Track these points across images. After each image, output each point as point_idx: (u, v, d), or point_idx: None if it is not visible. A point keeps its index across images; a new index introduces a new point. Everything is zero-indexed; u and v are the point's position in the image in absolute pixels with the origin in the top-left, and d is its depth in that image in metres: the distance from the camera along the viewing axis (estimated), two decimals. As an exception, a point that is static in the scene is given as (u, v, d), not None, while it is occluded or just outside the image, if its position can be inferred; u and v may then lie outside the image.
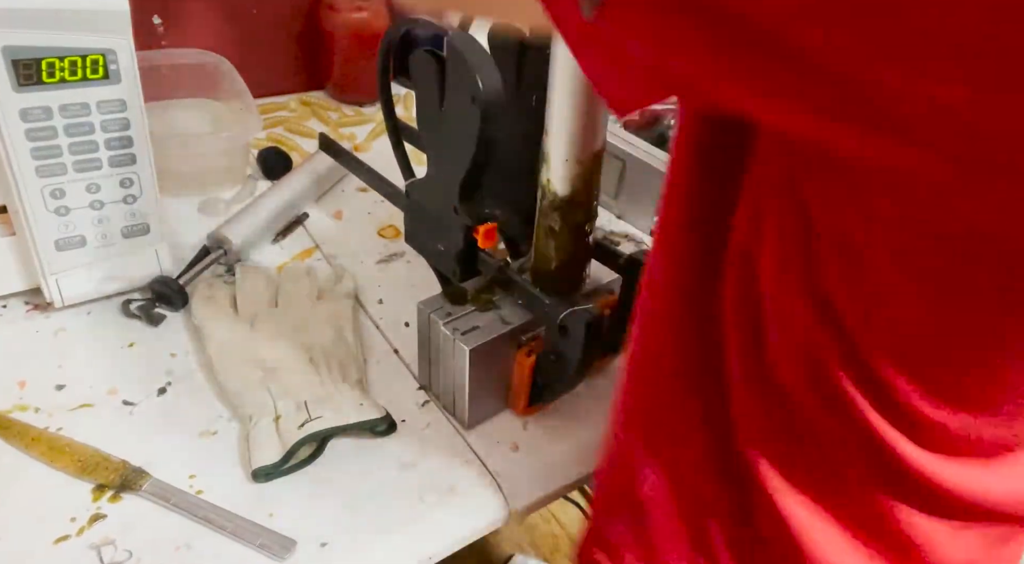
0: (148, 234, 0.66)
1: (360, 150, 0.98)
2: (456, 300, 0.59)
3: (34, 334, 0.65)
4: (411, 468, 0.58)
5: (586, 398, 0.66)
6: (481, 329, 0.57)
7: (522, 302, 0.59)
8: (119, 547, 0.50)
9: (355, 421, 0.57)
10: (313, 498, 0.54)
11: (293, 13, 1.04)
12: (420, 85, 0.59)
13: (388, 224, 0.84)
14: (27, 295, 0.67)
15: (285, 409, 0.57)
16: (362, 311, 0.72)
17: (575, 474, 0.60)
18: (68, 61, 0.56)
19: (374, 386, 0.64)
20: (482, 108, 0.53)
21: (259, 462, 0.54)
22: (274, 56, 1.05)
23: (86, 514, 0.51)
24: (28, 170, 0.58)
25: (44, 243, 0.62)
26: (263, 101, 1.03)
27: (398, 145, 0.71)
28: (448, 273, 0.65)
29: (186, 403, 0.60)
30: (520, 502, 0.57)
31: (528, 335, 0.59)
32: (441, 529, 0.55)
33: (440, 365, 0.60)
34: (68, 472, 0.54)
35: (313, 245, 0.81)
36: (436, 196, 0.63)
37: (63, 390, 0.60)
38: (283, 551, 0.50)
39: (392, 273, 0.78)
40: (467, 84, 0.53)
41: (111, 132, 0.60)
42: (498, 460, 0.59)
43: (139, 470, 0.54)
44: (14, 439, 0.55)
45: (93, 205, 0.62)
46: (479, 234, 0.60)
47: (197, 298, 0.67)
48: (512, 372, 0.61)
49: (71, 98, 0.57)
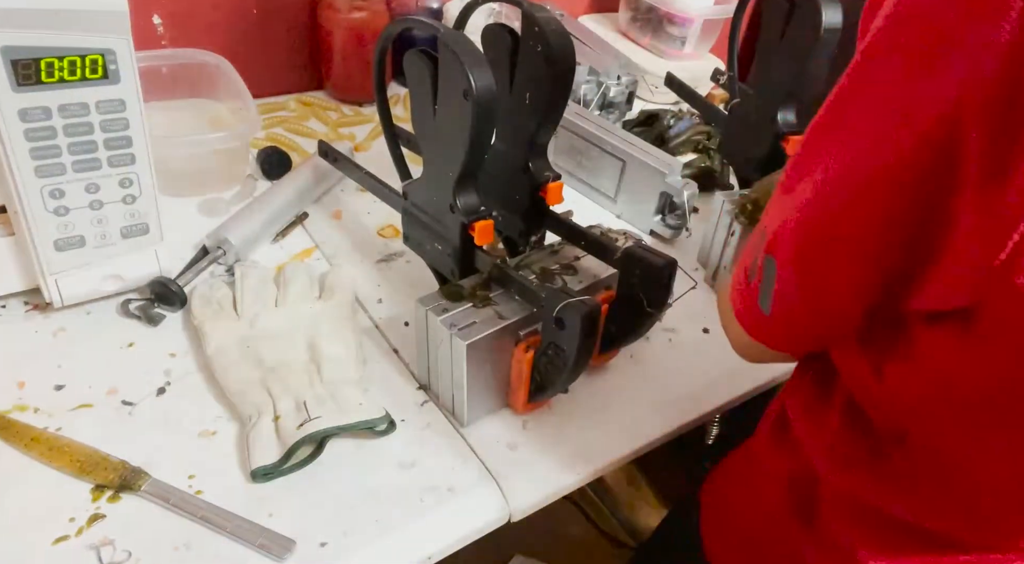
0: (148, 234, 0.66)
1: (360, 150, 0.98)
2: (453, 297, 0.59)
3: (33, 334, 0.65)
4: (410, 468, 0.58)
5: (586, 398, 0.66)
6: (478, 324, 0.57)
7: (519, 297, 0.59)
8: (118, 547, 0.50)
9: (354, 421, 0.57)
10: (313, 498, 0.54)
11: (293, 13, 1.04)
12: (414, 84, 0.59)
13: (387, 224, 0.84)
14: (27, 295, 0.67)
15: (284, 409, 0.57)
16: (362, 311, 0.72)
17: (575, 474, 0.60)
18: (67, 61, 0.56)
19: (374, 386, 0.64)
20: (475, 104, 0.53)
21: (258, 462, 0.54)
22: (274, 56, 1.05)
23: (85, 514, 0.51)
24: (27, 170, 0.58)
25: (43, 243, 0.62)
26: (263, 101, 1.03)
27: (394, 146, 0.71)
28: (446, 272, 0.65)
29: (185, 403, 0.60)
30: (520, 502, 0.57)
31: (526, 331, 0.59)
32: (441, 529, 0.54)
33: (438, 362, 0.60)
34: (67, 472, 0.54)
35: (313, 245, 0.81)
36: (432, 195, 0.63)
37: (62, 390, 0.60)
38: (283, 551, 0.50)
39: (391, 273, 0.78)
40: (460, 81, 0.53)
41: (111, 132, 0.60)
42: (498, 460, 0.59)
43: (138, 470, 0.54)
44: (13, 439, 0.55)
45: (92, 205, 0.62)
46: (475, 231, 0.60)
47: (196, 298, 0.67)
48: (510, 368, 0.61)
49: (70, 98, 0.57)
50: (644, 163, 0.87)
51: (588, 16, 1.36)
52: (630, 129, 1.03)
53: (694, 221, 0.91)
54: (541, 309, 0.57)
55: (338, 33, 1.02)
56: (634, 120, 1.08)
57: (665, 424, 0.65)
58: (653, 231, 0.90)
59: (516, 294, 0.59)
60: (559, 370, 0.57)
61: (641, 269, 0.60)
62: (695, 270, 0.85)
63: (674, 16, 1.24)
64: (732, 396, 0.70)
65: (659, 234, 0.90)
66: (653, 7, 1.24)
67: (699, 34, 1.26)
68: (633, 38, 1.31)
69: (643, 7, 1.26)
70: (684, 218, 0.87)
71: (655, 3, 1.22)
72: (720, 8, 1.24)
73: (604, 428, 0.64)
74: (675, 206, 0.87)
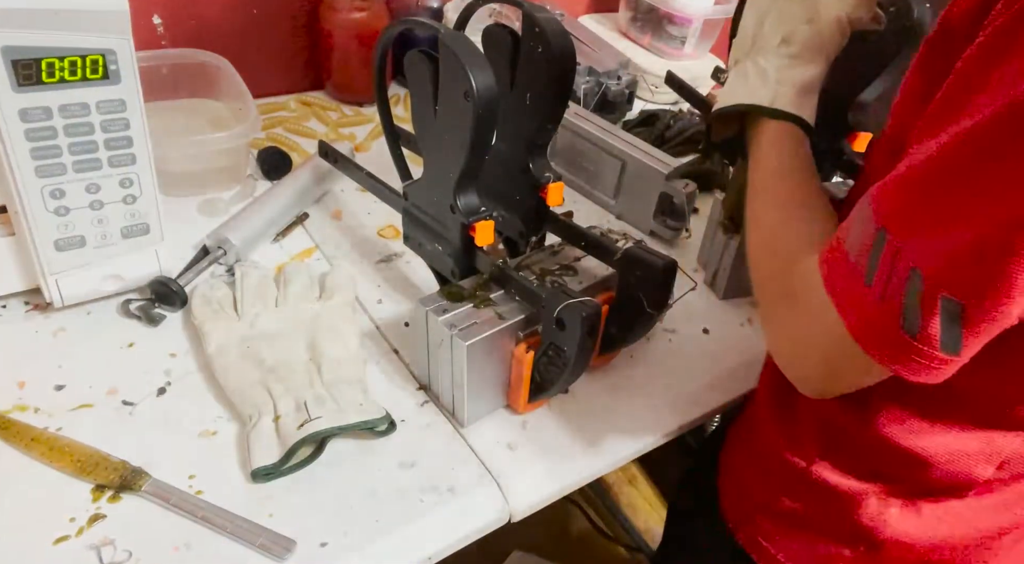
0: (148, 234, 0.66)
1: (360, 150, 0.98)
2: (454, 298, 0.59)
3: (34, 334, 0.65)
4: (410, 468, 0.58)
5: (586, 398, 0.66)
6: (478, 325, 0.57)
7: (519, 298, 0.59)
8: (118, 547, 0.50)
9: (355, 421, 0.57)
10: (313, 498, 0.54)
11: (293, 13, 1.04)
12: (414, 85, 0.59)
13: (388, 224, 0.84)
14: (27, 295, 0.67)
15: (285, 409, 0.57)
16: (362, 311, 0.72)
17: (574, 473, 0.60)
18: (68, 61, 0.56)
19: (374, 386, 0.64)
20: (476, 105, 0.53)
21: (259, 462, 0.54)
22: (274, 56, 1.05)
23: (85, 514, 0.51)
24: (28, 170, 0.58)
25: (44, 243, 0.62)
26: (263, 101, 1.03)
27: (395, 146, 0.71)
28: (446, 273, 0.65)
29: (186, 403, 0.60)
30: (520, 502, 0.57)
31: (526, 331, 0.59)
32: (441, 529, 0.55)
33: (438, 362, 0.60)
34: (68, 472, 0.54)
35: (313, 245, 0.81)
36: (433, 196, 0.63)
37: (63, 390, 0.60)
38: (283, 551, 0.50)
39: (391, 273, 0.78)
40: (461, 82, 0.53)
41: (111, 132, 0.60)
42: (498, 460, 0.59)
43: (139, 470, 0.54)
44: (14, 439, 0.55)
45: (93, 205, 0.62)
46: (476, 232, 0.60)
47: (197, 298, 0.67)
48: (510, 369, 0.61)
49: (71, 98, 0.57)
50: (644, 163, 0.87)
51: (588, 16, 1.36)
52: (630, 129, 1.03)
53: (694, 222, 0.91)
54: (541, 310, 0.57)
55: (338, 33, 1.02)
56: (634, 120, 1.08)
57: (665, 424, 0.66)
58: (653, 232, 0.90)
59: (516, 295, 0.59)
60: (559, 370, 0.57)
61: (641, 270, 0.60)
62: (695, 271, 0.85)
63: (674, 16, 1.24)
64: (732, 396, 0.70)
65: (659, 235, 0.90)
66: (653, 7, 1.24)
67: (699, 34, 1.26)
68: (633, 38, 1.31)
69: (643, 7, 1.26)
70: (684, 219, 0.87)
71: (655, 3, 1.22)
72: (720, 8, 1.24)
73: (604, 428, 0.64)
74: (675, 207, 0.87)
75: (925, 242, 0.38)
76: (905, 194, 0.39)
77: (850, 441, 0.53)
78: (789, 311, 0.46)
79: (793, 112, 0.56)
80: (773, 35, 0.58)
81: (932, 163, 0.38)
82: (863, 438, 0.52)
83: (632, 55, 1.23)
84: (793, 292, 0.46)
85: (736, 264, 0.78)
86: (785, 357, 0.48)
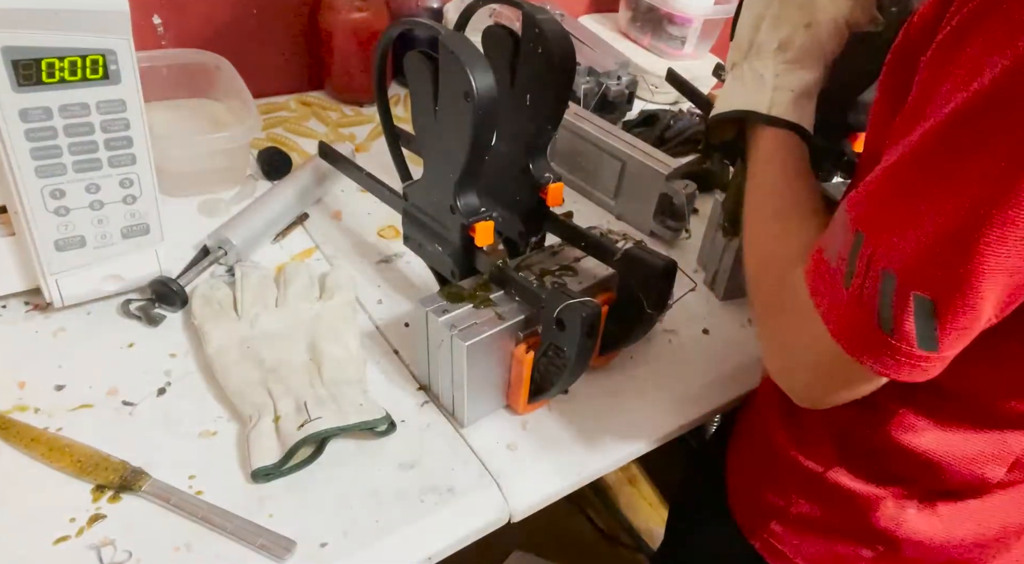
0: (148, 234, 0.66)
1: (360, 150, 0.98)
2: (454, 298, 0.59)
3: (34, 334, 0.65)
4: (411, 468, 0.58)
5: (586, 399, 0.66)
6: (479, 325, 0.57)
7: (519, 298, 0.59)
8: (119, 547, 0.50)
9: (355, 421, 0.57)
10: (313, 498, 0.54)
11: (293, 13, 1.04)
12: (414, 85, 0.59)
13: (388, 224, 0.84)
14: (27, 295, 0.67)
15: (285, 409, 0.57)
16: (362, 311, 0.72)
17: (574, 474, 0.60)
18: (68, 61, 0.56)
19: (374, 386, 0.64)
20: (476, 106, 0.53)
21: (259, 463, 0.54)
22: (274, 56, 1.05)
23: (86, 515, 0.51)
24: (28, 170, 0.58)
25: (44, 243, 0.62)
26: (263, 101, 1.03)
27: (395, 146, 0.71)
28: (446, 273, 0.65)
29: (186, 403, 0.60)
30: (520, 502, 0.57)
31: (526, 332, 0.59)
32: (441, 529, 0.55)
33: (438, 362, 0.60)
34: (68, 472, 0.54)
35: (313, 245, 0.81)
36: (433, 197, 0.63)
37: (63, 390, 0.60)
38: (283, 551, 0.50)
39: (391, 273, 0.78)
40: (461, 82, 0.53)
41: (111, 132, 0.60)
42: (498, 460, 0.59)
43: (139, 470, 0.54)
44: (14, 439, 0.55)
45: (93, 205, 0.62)
46: (476, 232, 0.60)
47: (197, 298, 0.67)
48: (510, 369, 0.61)
49: (71, 98, 0.57)
50: (644, 164, 0.87)
51: (588, 16, 1.36)
52: (630, 129, 1.03)
53: (694, 222, 0.91)
54: (541, 310, 0.57)
55: (338, 33, 1.02)
56: (634, 120, 1.08)
57: (665, 425, 0.66)
58: (653, 232, 0.90)
59: (516, 295, 0.59)
60: (559, 371, 0.57)
61: (641, 270, 0.60)
62: (695, 272, 0.85)
63: (674, 16, 1.24)
64: (732, 396, 0.70)
65: (659, 235, 0.90)
66: (653, 7, 1.24)
67: (699, 34, 1.26)
68: (633, 38, 1.31)
69: (643, 7, 1.26)
70: (684, 219, 0.87)
71: (655, 3, 1.22)
72: (720, 8, 1.24)
73: (604, 429, 0.64)
74: (675, 207, 0.87)
75: (896, 241, 0.38)
76: (877, 195, 0.40)
77: (864, 446, 0.53)
78: (779, 322, 0.47)
79: (790, 119, 0.56)
80: (770, 39, 0.58)
81: (900, 162, 0.38)
82: (877, 443, 0.52)
83: (632, 55, 1.23)
84: (782, 303, 0.46)
85: (736, 265, 0.78)
86: (777, 367, 0.48)
